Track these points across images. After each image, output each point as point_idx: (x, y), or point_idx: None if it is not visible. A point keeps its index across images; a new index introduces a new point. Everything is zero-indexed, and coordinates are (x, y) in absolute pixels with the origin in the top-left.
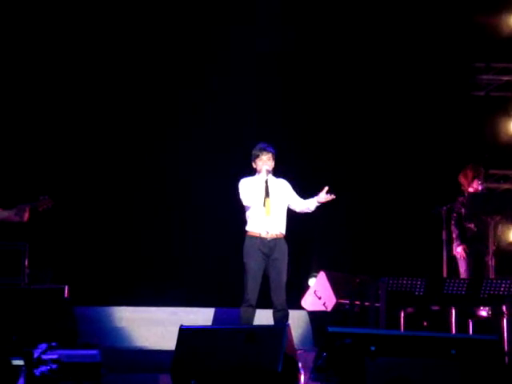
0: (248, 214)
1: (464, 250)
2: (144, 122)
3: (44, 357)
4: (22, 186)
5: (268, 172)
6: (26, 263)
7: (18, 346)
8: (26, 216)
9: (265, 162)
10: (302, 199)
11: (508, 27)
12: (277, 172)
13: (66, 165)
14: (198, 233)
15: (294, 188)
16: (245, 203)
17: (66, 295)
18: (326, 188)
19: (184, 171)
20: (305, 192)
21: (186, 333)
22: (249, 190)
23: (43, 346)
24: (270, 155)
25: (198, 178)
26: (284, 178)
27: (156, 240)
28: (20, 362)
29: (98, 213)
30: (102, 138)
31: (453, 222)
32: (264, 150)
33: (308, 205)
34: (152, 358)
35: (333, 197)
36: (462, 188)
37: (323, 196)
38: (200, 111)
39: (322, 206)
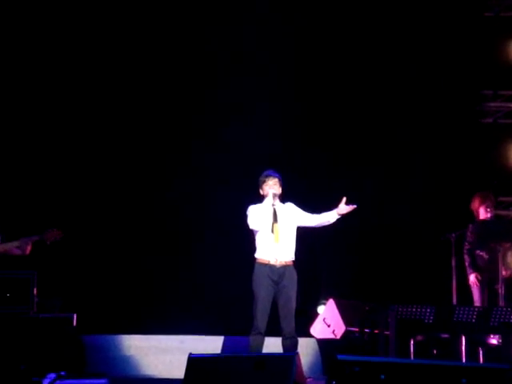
0: (257, 241)
1: (476, 277)
2: (154, 152)
3: None
4: (29, 216)
5: (275, 196)
6: (35, 292)
7: (27, 375)
8: (29, 249)
9: (271, 186)
10: (315, 214)
11: None
12: (285, 195)
13: (75, 195)
14: (206, 261)
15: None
16: (251, 227)
17: (74, 324)
18: (344, 199)
19: (193, 201)
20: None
21: (194, 361)
22: (256, 214)
23: (52, 375)
24: (276, 180)
25: (206, 207)
26: (291, 200)
27: (164, 268)
28: None
29: (106, 242)
30: (112, 168)
31: (464, 251)
32: (270, 175)
33: (328, 218)
34: None
35: (354, 207)
36: (474, 216)
37: (343, 207)
38: (210, 137)
39: (332, 230)
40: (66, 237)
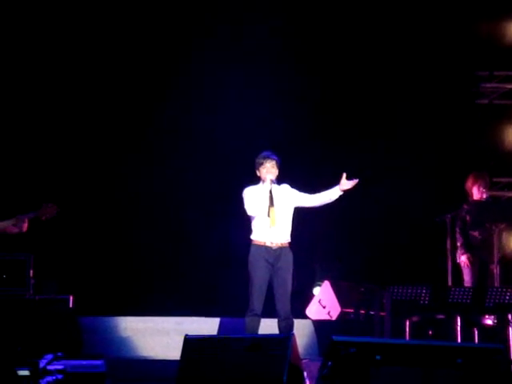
0: (253, 224)
1: (468, 258)
2: (149, 131)
3: (50, 367)
4: (25, 194)
5: (272, 182)
6: (31, 274)
7: (24, 357)
8: (25, 227)
9: (269, 169)
10: (315, 194)
11: (511, 35)
12: (283, 177)
13: (71, 175)
14: (203, 242)
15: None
16: (249, 213)
17: (70, 305)
18: (345, 174)
19: (189, 181)
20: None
21: (191, 342)
22: (253, 199)
23: (49, 356)
24: (273, 163)
25: (202, 187)
26: (288, 181)
27: (161, 250)
28: (26, 373)
29: (103, 223)
30: (110, 147)
31: (457, 230)
32: (268, 157)
33: (330, 195)
34: (157, 368)
35: (356, 181)
36: (468, 196)
37: (345, 182)
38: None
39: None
40: (61, 217)
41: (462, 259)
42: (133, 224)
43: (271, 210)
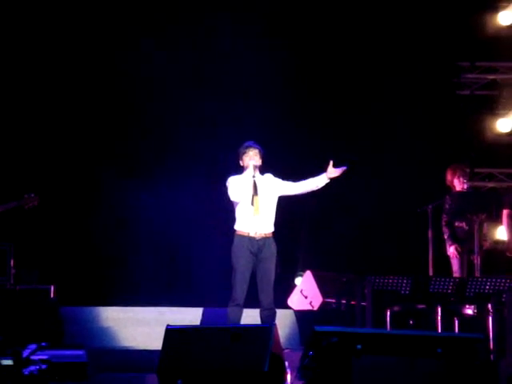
0: (237, 213)
1: (456, 249)
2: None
3: (33, 357)
4: (6, 184)
5: (255, 168)
6: (12, 263)
7: (5, 347)
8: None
9: (252, 157)
10: (300, 181)
11: (492, 26)
12: (268, 166)
13: (52, 166)
14: (184, 232)
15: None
16: (232, 198)
17: (51, 295)
18: (331, 162)
19: (172, 173)
20: None
21: (172, 332)
22: (236, 186)
23: (33, 346)
24: (256, 151)
25: (184, 177)
26: (273, 170)
27: (143, 240)
28: (9, 362)
29: (84, 213)
30: (91, 137)
31: (443, 223)
32: (250, 146)
33: (316, 183)
34: (138, 358)
35: (344, 168)
36: (450, 188)
37: (332, 170)
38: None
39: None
40: (42, 207)
41: (451, 250)
42: (115, 214)
43: (255, 198)
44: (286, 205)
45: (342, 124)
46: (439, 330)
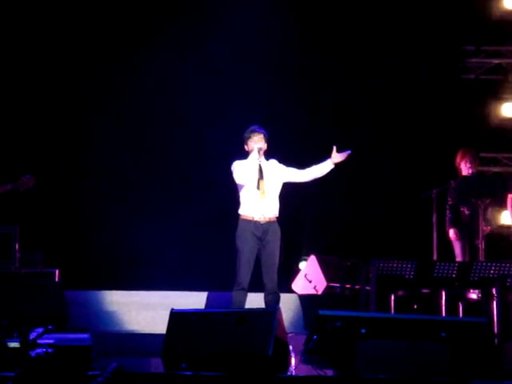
0: (242, 198)
1: (455, 232)
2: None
3: (40, 341)
4: (5, 166)
5: (260, 150)
6: (17, 247)
7: (10, 330)
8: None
9: (256, 142)
10: (305, 168)
11: (498, 10)
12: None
13: (57, 148)
14: (190, 216)
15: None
16: (238, 181)
17: (56, 279)
18: (335, 147)
19: (179, 157)
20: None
21: (176, 316)
22: (242, 170)
23: (39, 329)
24: (261, 136)
25: (190, 161)
26: (277, 156)
27: (148, 223)
28: (16, 345)
29: (90, 196)
30: (95, 119)
31: (447, 206)
32: (255, 131)
33: (322, 169)
34: (143, 342)
35: (348, 152)
36: (458, 172)
37: (337, 155)
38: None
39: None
40: (48, 190)
41: (450, 234)
42: (120, 197)
43: (261, 182)
44: (289, 189)
45: (346, 110)
46: (443, 315)
